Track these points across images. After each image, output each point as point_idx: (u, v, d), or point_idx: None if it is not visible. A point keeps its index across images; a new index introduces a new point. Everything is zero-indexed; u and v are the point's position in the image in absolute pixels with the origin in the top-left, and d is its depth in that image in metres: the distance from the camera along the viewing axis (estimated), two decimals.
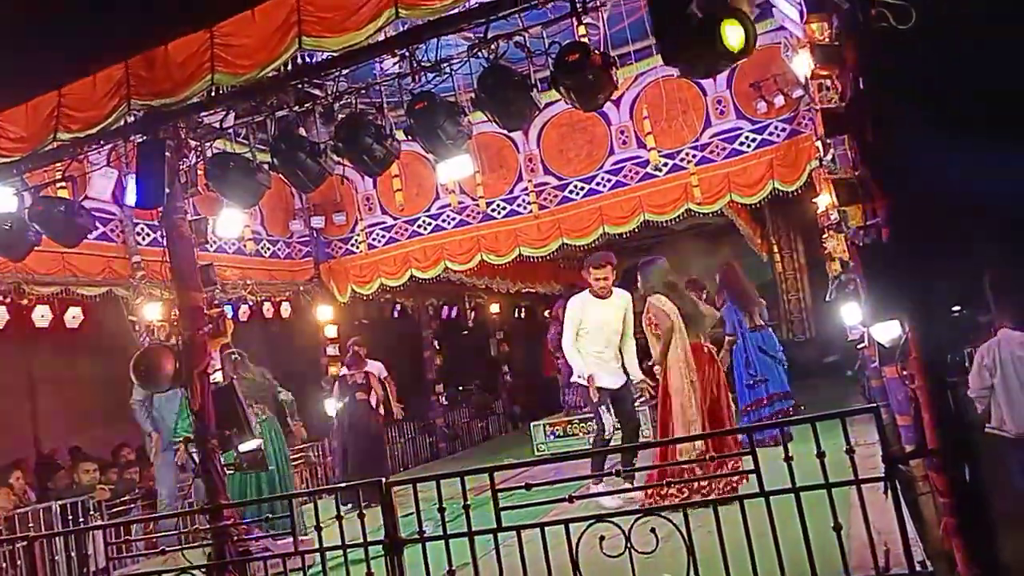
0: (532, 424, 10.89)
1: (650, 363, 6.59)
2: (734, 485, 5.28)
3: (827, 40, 4.15)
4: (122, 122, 5.51)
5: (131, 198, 6.90)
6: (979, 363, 6.00)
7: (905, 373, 3.87)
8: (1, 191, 5.91)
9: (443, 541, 3.98)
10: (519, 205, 9.87)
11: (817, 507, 3.51)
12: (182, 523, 5.33)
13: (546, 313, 11.68)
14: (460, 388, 15.85)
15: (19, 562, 5.09)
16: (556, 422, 10.63)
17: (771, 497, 3.56)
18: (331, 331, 10.85)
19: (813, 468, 3.51)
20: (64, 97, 5.64)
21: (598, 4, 4.99)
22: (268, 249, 10.43)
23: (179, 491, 7.74)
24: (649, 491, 5.81)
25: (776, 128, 8.62)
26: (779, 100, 8.33)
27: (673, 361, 6.18)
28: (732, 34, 3.76)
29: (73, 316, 8.24)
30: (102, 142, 5.78)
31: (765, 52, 7.81)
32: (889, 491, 3.49)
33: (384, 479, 4.23)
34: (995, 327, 6.12)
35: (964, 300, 7.59)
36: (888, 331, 3.77)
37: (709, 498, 4.95)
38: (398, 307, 13.54)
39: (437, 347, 14.26)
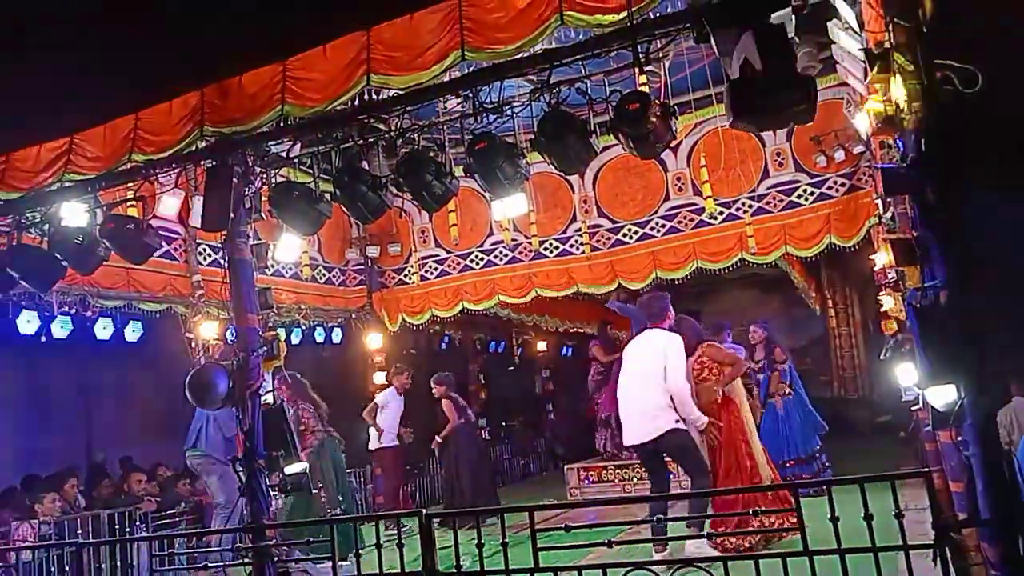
0: (566, 467, 10.79)
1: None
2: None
3: (889, 100, 4.14)
4: (194, 147, 5.73)
5: (196, 220, 7.14)
6: (998, 423, 6.32)
7: (959, 439, 3.77)
8: (75, 207, 6.17)
9: None
10: (572, 245, 9.92)
11: (862, 570, 3.43)
12: (227, 541, 5.42)
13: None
14: (503, 424, 15.83)
15: (67, 568, 5.20)
16: (591, 466, 10.51)
17: (815, 557, 3.50)
18: (379, 359, 10.97)
19: (859, 529, 3.45)
20: (141, 121, 5.89)
21: (660, 55, 5.05)
22: (323, 275, 10.63)
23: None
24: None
25: (835, 183, 8.55)
26: (839, 155, 8.28)
27: (743, 404, 6.21)
28: None
29: (133, 330, 8.48)
30: (174, 165, 5.99)
31: (827, 107, 7.77)
32: (938, 560, 3.40)
33: (424, 510, 4.26)
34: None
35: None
36: (943, 395, 3.69)
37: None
38: (446, 339, 13.65)
39: (482, 381, 14.32)
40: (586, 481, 10.36)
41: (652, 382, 6.24)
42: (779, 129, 7.75)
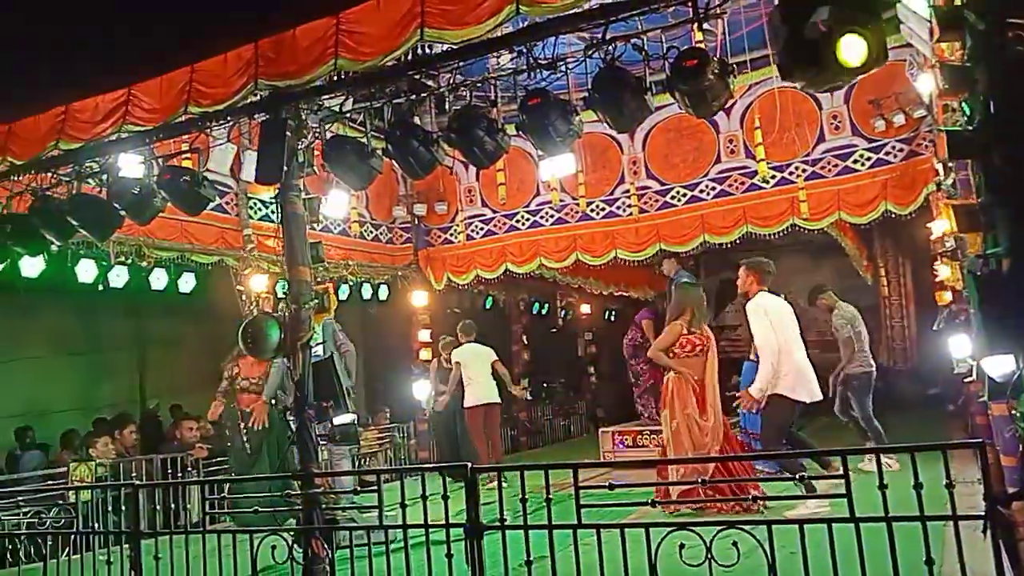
0: (600, 431, 10.80)
1: None
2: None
3: (958, 60, 4.00)
4: (248, 100, 5.77)
5: (249, 173, 7.23)
6: None
7: (1015, 411, 3.70)
8: (132, 158, 6.28)
9: (523, 532, 4.04)
10: (618, 207, 9.85)
11: (908, 540, 3.40)
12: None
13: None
14: (545, 385, 15.92)
15: (122, 508, 5.39)
16: (625, 430, 10.46)
17: (861, 524, 3.47)
18: (424, 317, 11.07)
19: (906, 499, 3.41)
20: (196, 73, 5.95)
21: (718, 11, 4.93)
22: (371, 232, 10.71)
23: None
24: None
25: (893, 148, 8.33)
26: (899, 119, 8.04)
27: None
28: (850, 49, 3.70)
29: (186, 281, 8.67)
30: (228, 118, 6.04)
31: (888, 69, 7.49)
32: (988, 532, 3.35)
33: (470, 464, 4.31)
34: None
35: None
36: (1001, 365, 3.61)
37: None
38: (490, 299, 13.71)
39: (525, 342, 14.37)
40: (620, 445, 10.35)
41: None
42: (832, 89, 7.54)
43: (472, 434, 9.26)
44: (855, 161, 8.55)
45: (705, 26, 5.07)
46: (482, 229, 10.73)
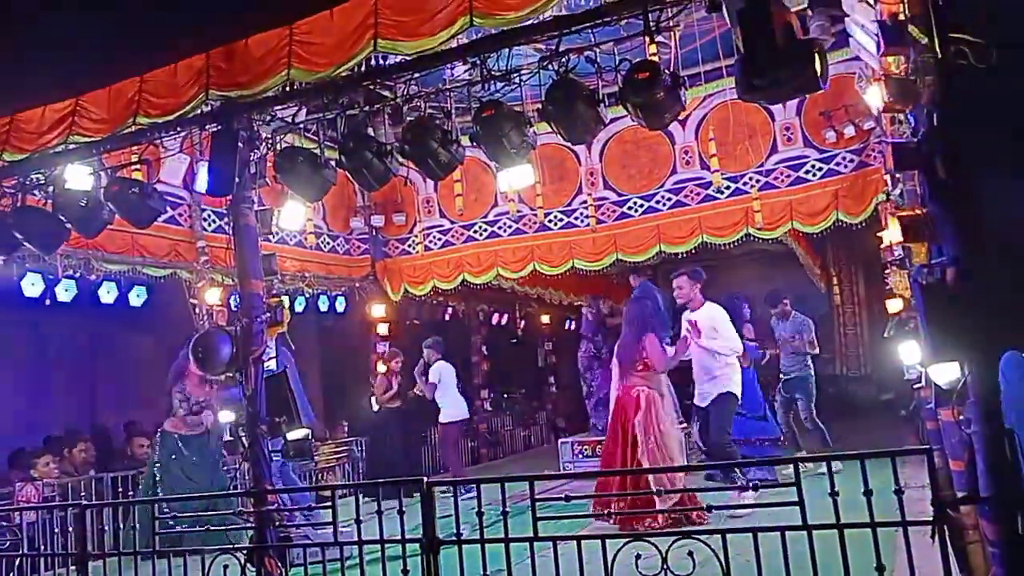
0: (560, 441, 10.82)
1: None
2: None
3: (902, 73, 4.09)
4: (199, 111, 5.69)
5: (202, 185, 7.11)
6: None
7: (961, 417, 3.77)
8: (80, 170, 6.14)
9: (479, 545, 4.01)
10: (576, 218, 9.89)
11: (859, 546, 3.44)
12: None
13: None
14: (505, 395, 15.88)
15: (69, 529, 5.24)
16: (585, 441, 10.47)
17: (813, 532, 3.51)
18: (383, 329, 10.98)
19: (858, 505, 3.46)
20: (145, 83, 5.84)
21: (671, 24, 4.98)
22: (328, 244, 10.61)
23: None
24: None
25: (844, 159, 8.49)
26: (849, 130, 8.20)
27: None
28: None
29: (137, 295, 8.49)
30: (179, 129, 5.94)
31: (838, 81, 7.69)
32: (937, 536, 3.40)
33: (425, 478, 4.28)
34: None
35: None
36: (946, 372, 3.68)
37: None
38: (449, 310, 13.66)
39: (485, 352, 14.34)
40: (579, 455, 10.35)
41: None
42: (787, 101, 7.72)
43: (449, 447, 9.78)
44: (807, 171, 8.69)
45: (659, 39, 5.11)
46: (440, 240, 10.69)
